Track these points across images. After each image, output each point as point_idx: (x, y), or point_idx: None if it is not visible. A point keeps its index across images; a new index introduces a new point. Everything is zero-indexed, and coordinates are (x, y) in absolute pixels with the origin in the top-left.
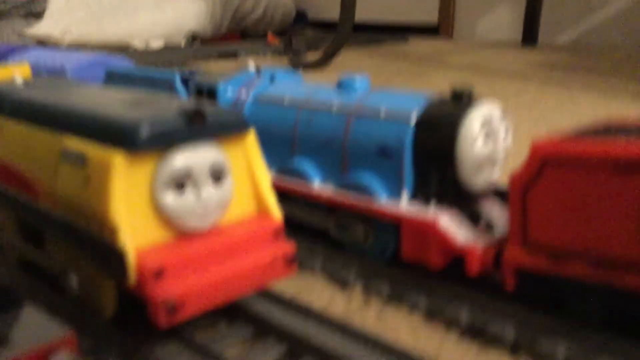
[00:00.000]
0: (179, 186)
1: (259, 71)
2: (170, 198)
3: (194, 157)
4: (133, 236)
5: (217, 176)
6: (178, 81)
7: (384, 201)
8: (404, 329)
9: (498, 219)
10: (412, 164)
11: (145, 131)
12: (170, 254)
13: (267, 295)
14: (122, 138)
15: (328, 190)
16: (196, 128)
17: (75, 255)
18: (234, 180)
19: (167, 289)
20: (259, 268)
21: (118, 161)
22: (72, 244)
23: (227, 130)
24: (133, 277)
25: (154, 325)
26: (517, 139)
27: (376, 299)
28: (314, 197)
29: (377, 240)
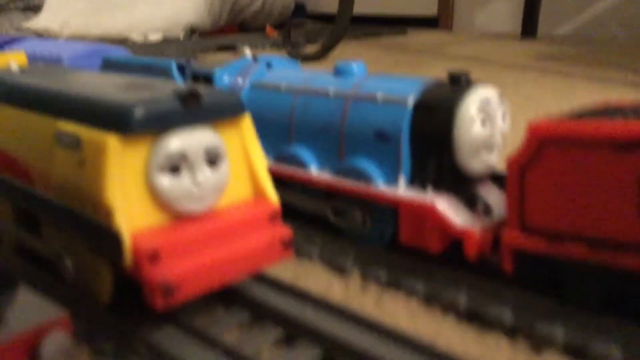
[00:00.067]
0: (174, 169)
1: (255, 59)
2: (165, 181)
3: (189, 139)
4: (128, 219)
5: (213, 159)
6: (174, 69)
7: (381, 186)
8: (402, 314)
9: (496, 203)
10: (410, 148)
11: (139, 113)
12: (165, 237)
13: (264, 280)
14: (116, 121)
15: (326, 175)
16: (191, 110)
17: (71, 240)
18: (230, 163)
19: (163, 272)
20: (255, 251)
21: (112, 144)
22: (68, 228)
23: (223, 113)
24: (129, 259)
25: (150, 308)
26: (516, 129)
27: (374, 284)
28: (311, 183)
29: (375, 225)
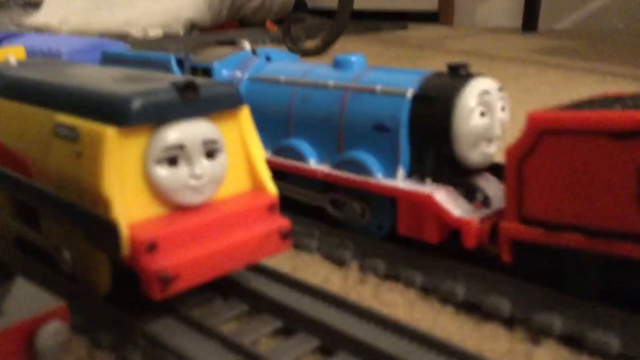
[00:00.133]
0: (172, 161)
1: (254, 52)
2: (163, 172)
3: (187, 131)
4: (126, 210)
5: (211, 151)
6: (173, 62)
7: (380, 177)
8: (400, 304)
9: (495, 193)
10: (409, 139)
11: (137, 105)
12: (163, 228)
13: (262, 272)
14: (114, 113)
15: (324, 167)
16: (189, 102)
17: (69, 231)
18: (228, 154)
19: (161, 261)
20: (253, 242)
21: (110, 135)
22: (66, 220)
23: (221, 105)
24: (126, 249)
25: (148, 298)
26: (516, 122)
27: (372, 275)
28: (310, 175)
29: (373, 217)
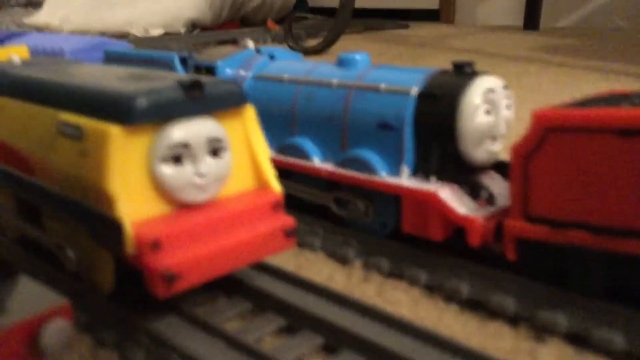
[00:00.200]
0: (177, 159)
1: (258, 50)
2: (167, 171)
3: (191, 129)
4: (130, 208)
5: (215, 149)
6: (177, 61)
7: (384, 175)
8: (404, 302)
9: (499, 191)
10: (413, 137)
11: (141, 103)
12: (167, 226)
13: (266, 270)
14: (118, 111)
15: (329, 166)
16: (194, 101)
17: (73, 230)
18: (233, 153)
19: (165, 259)
20: (258, 240)
21: (115, 134)
22: (69, 218)
23: (226, 103)
24: (130, 248)
25: (151, 296)
26: (520, 120)
27: (376, 274)
28: (314, 173)
29: (377, 215)
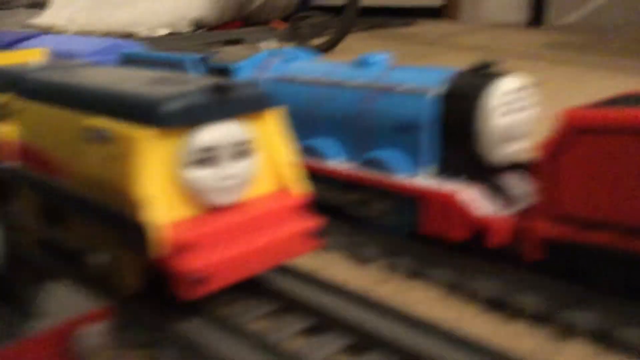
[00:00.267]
0: (204, 162)
1: (275, 52)
2: (195, 173)
3: (219, 133)
4: (158, 211)
5: (242, 152)
6: (194, 63)
7: (404, 176)
8: (425, 302)
9: (519, 191)
10: (433, 138)
11: (171, 108)
12: (195, 229)
13: (289, 271)
14: (148, 115)
15: (348, 167)
16: (222, 104)
17: (99, 232)
18: (259, 156)
19: (192, 262)
20: (284, 242)
21: (145, 137)
22: (96, 221)
23: (251, 106)
24: (158, 250)
25: (178, 298)
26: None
27: (397, 274)
28: (333, 175)
29: (397, 215)
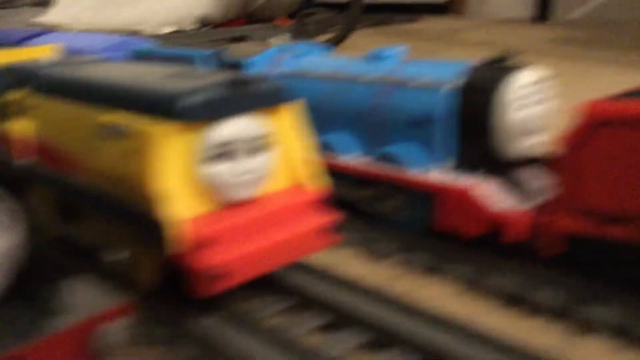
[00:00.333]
0: (222, 157)
1: (286, 47)
2: (213, 168)
3: (236, 128)
4: (176, 206)
5: (259, 147)
6: (204, 59)
7: (418, 171)
8: (442, 298)
9: (536, 186)
10: (448, 132)
11: (190, 102)
12: (212, 224)
13: (305, 267)
14: (167, 109)
15: (362, 162)
16: (239, 99)
17: (116, 229)
18: (277, 151)
19: (210, 258)
20: (301, 238)
21: (163, 132)
22: (113, 218)
23: (269, 101)
24: (176, 246)
25: (196, 294)
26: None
27: (412, 270)
28: (347, 170)
29: (412, 211)
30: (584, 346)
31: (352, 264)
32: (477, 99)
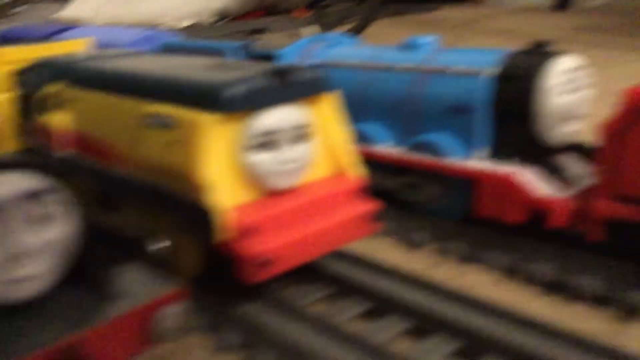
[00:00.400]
0: (265, 146)
1: (316, 38)
2: (256, 157)
3: (279, 117)
4: (222, 195)
5: (301, 136)
6: (234, 50)
7: (457, 159)
8: (483, 285)
9: (578, 172)
10: (487, 119)
11: (234, 93)
12: (259, 212)
13: (343, 255)
14: (211, 100)
15: (398, 151)
16: (281, 89)
17: (157, 218)
18: (318, 139)
19: (256, 246)
20: (342, 226)
21: (208, 122)
22: (156, 207)
23: (310, 90)
24: (223, 234)
25: (242, 282)
26: None
27: (449, 258)
28: (384, 159)
29: (448, 199)
30: (629, 331)
31: (388, 252)
32: (518, 85)
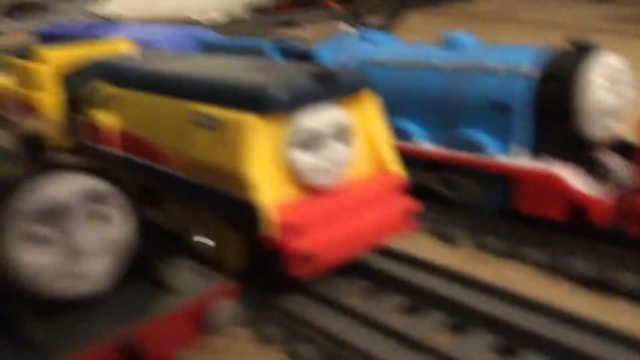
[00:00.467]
0: (309, 145)
1: (354, 34)
2: (300, 157)
3: (322, 117)
4: (267, 193)
5: (343, 135)
6: (275, 49)
7: (497, 156)
8: (521, 281)
9: (619, 169)
10: (529, 117)
11: (279, 94)
12: (303, 210)
13: (379, 251)
14: (256, 101)
15: (437, 147)
16: (324, 90)
17: (201, 215)
18: (359, 138)
19: (302, 242)
20: (384, 222)
21: (254, 123)
22: (201, 203)
23: (351, 90)
24: (268, 230)
25: (287, 275)
26: None
27: (486, 254)
28: (423, 156)
29: (487, 195)
30: None
31: (425, 247)
32: (561, 82)
